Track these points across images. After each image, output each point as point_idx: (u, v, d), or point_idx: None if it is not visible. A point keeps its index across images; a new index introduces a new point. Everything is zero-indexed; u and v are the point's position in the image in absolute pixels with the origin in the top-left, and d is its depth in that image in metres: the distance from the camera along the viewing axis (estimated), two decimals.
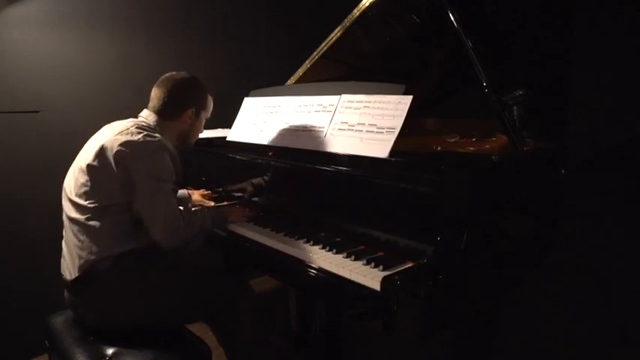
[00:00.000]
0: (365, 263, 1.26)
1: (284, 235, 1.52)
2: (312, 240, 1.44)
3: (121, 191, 1.42)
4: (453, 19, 1.53)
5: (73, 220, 1.45)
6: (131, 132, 1.46)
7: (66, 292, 1.52)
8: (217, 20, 2.78)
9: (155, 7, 2.48)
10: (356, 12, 1.78)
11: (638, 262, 3.24)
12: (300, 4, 3.11)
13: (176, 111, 1.62)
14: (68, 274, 1.47)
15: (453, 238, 1.17)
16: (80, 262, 1.42)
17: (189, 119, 1.65)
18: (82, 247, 1.42)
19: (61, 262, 1.53)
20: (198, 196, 1.93)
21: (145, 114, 1.62)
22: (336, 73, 2.10)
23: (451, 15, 1.53)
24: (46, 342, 1.55)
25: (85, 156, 1.48)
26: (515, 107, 1.63)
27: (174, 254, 1.56)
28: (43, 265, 2.18)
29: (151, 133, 1.50)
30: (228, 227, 1.67)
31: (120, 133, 1.46)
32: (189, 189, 1.97)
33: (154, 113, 1.61)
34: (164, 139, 1.52)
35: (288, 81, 2.11)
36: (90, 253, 1.41)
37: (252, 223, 1.67)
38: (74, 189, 1.47)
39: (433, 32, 1.95)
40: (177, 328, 1.54)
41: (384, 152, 1.37)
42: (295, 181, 1.68)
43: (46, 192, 2.17)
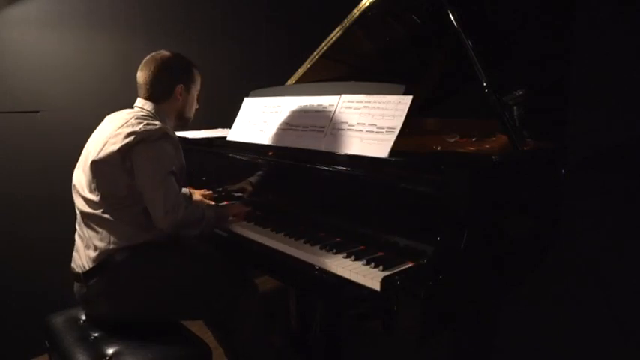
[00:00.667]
0: (365, 263, 1.26)
1: (284, 235, 1.52)
2: (312, 240, 1.44)
3: (131, 182, 1.46)
4: (452, 19, 1.53)
5: (89, 215, 1.49)
6: (132, 124, 1.48)
7: (76, 285, 1.54)
8: (217, 20, 2.78)
9: (155, 7, 2.48)
10: (356, 12, 1.78)
11: (638, 262, 3.24)
12: (300, 4, 3.11)
13: (166, 90, 1.63)
14: (81, 267, 1.49)
15: (453, 238, 1.17)
16: (97, 252, 1.46)
17: (180, 96, 1.66)
18: (100, 237, 1.46)
19: (73, 257, 1.55)
20: (199, 196, 1.94)
21: (141, 103, 1.63)
22: (336, 73, 2.10)
23: (451, 15, 1.54)
24: (46, 342, 1.55)
25: (91, 152, 1.50)
26: (515, 107, 1.63)
27: (182, 249, 1.61)
28: (43, 265, 2.18)
29: (151, 121, 1.52)
30: (229, 227, 1.67)
31: (121, 126, 1.48)
32: (189, 189, 1.97)
33: (147, 100, 1.62)
34: (164, 126, 1.53)
35: (288, 81, 2.11)
36: (109, 243, 1.45)
37: (253, 223, 1.67)
38: (85, 185, 1.50)
39: (433, 32, 1.95)
40: (177, 328, 1.55)
41: (384, 152, 1.37)
42: (295, 181, 1.68)
43: (46, 192, 2.17)
